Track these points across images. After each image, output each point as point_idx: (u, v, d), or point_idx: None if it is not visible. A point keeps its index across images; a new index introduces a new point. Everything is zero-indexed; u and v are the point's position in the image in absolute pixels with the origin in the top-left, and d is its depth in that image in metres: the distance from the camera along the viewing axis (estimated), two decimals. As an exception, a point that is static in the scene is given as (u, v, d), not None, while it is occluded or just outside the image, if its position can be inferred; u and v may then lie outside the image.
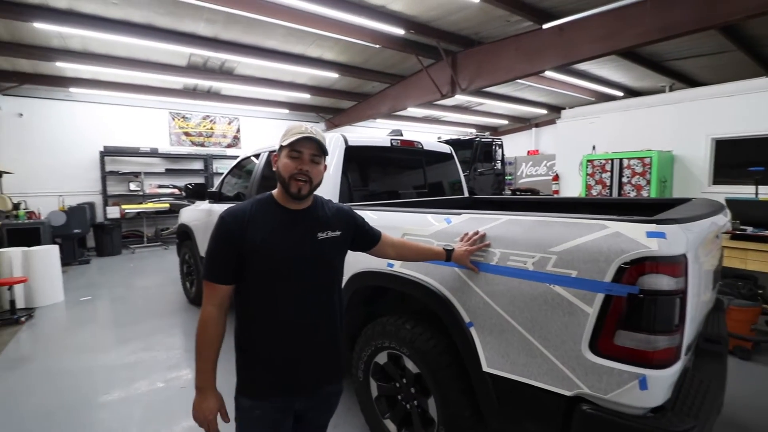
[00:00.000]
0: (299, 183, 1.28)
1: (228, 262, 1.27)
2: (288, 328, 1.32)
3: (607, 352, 1.32)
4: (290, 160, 1.28)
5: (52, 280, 5.30)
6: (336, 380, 1.46)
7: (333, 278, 1.42)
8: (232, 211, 1.31)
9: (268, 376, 1.32)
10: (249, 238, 1.26)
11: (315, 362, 1.37)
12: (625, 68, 8.70)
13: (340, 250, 1.45)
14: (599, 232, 1.35)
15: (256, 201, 1.36)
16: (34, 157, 8.65)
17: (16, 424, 2.63)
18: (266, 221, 1.30)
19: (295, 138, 1.27)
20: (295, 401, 1.37)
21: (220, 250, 1.29)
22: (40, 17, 5.52)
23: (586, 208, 3.19)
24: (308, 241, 1.33)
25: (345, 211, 1.49)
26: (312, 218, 1.37)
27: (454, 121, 14.71)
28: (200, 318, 1.29)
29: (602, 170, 6.83)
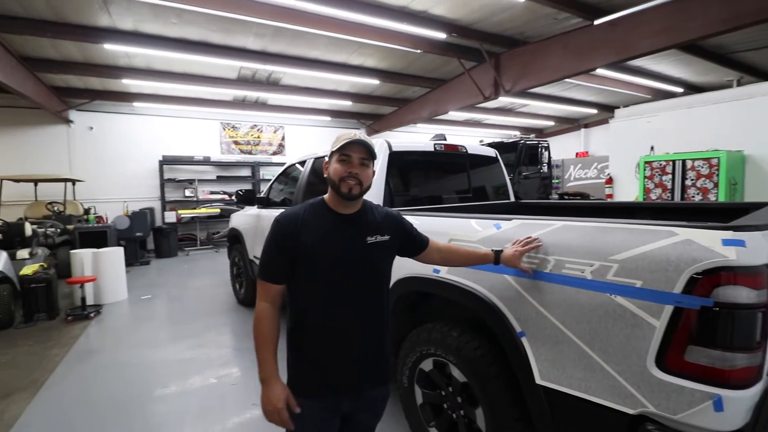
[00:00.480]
0: (349, 184, 1.31)
1: (281, 263, 1.33)
2: (337, 330, 1.35)
3: (676, 369, 1.22)
4: (340, 164, 1.33)
5: (118, 279, 5.73)
6: (383, 384, 1.46)
7: (381, 282, 1.44)
8: (286, 214, 1.37)
9: (316, 376, 1.35)
10: (302, 240, 1.31)
11: (362, 364, 1.38)
12: (686, 62, 8.11)
13: (389, 254, 1.47)
14: (667, 239, 1.26)
15: (308, 205, 1.40)
16: (102, 167, 9.45)
17: (86, 411, 2.85)
18: (318, 225, 1.34)
19: (345, 142, 1.32)
20: (342, 402, 1.38)
21: (274, 252, 1.34)
22: (110, 39, 6.05)
23: (644, 213, 3.00)
24: (358, 245, 1.36)
25: (394, 216, 1.51)
26: (362, 222, 1.40)
27: (496, 123, 14.37)
28: (255, 314, 1.35)
29: (662, 172, 6.37)
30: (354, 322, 1.35)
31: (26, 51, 6.58)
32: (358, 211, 1.41)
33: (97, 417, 2.79)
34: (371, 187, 2.74)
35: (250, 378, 3.29)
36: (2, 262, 4.65)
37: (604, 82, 8.93)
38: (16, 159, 8.56)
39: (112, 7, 5.33)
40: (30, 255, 5.47)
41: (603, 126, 13.29)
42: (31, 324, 4.69)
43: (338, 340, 1.34)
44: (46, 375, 3.40)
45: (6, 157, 8.49)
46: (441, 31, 6.08)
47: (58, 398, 3.04)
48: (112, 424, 2.70)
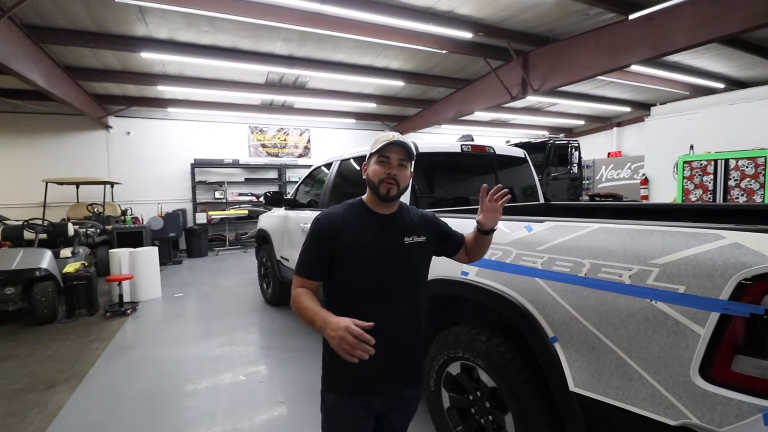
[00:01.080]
0: (388, 185, 1.33)
1: (319, 261, 1.36)
2: (377, 329, 1.30)
3: (722, 380, 1.16)
4: (379, 166, 1.35)
5: (152, 278, 5.96)
6: (417, 384, 1.47)
7: (419, 282, 1.44)
8: (327, 213, 1.40)
9: (353, 375, 1.35)
10: (342, 239, 1.33)
11: (399, 364, 1.39)
12: (728, 56, 7.70)
13: (426, 255, 1.48)
14: (713, 242, 1.19)
15: (348, 205, 1.43)
16: (138, 170, 9.88)
17: (123, 403, 2.98)
18: (358, 224, 1.36)
19: (384, 144, 1.35)
20: (377, 401, 1.39)
21: (313, 250, 1.37)
22: (146, 48, 6.32)
23: (684, 216, 2.86)
24: (396, 245, 1.38)
25: (429, 217, 1.52)
26: (399, 223, 1.41)
27: (523, 123, 14.09)
28: (292, 295, 1.34)
29: (703, 173, 6.06)
30: (391, 322, 1.36)
31: (70, 61, 6.96)
32: (396, 212, 1.42)
33: (134, 409, 2.91)
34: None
35: (277, 376, 3.34)
36: (47, 261, 4.93)
37: (638, 79, 8.59)
38: (59, 163, 9.08)
39: (148, 17, 5.58)
40: (72, 254, 5.77)
41: (637, 124, 12.79)
42: (73, 319, 4.94)
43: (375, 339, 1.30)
44: (86, 368, 3.58)
45: (50, 161, 9.02)
46: (467, 30, 6.02)
47: (97, 390, 3.19)
48: (148, 416, 2.81)
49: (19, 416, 2.81)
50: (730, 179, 5.80)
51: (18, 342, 4.25)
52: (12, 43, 5.11)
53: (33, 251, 5.08)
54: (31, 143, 8.97)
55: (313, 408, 2.78)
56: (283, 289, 5.06)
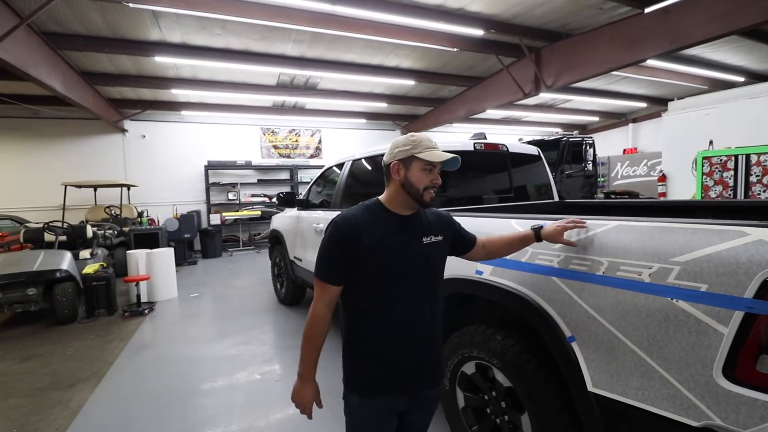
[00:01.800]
0: (431, 193, 1.35)
1: (340, 264, 1.35)
2: (396, 330, 1.36)
3: (746, 380, 1.13)
4: (424, 173, 1.35)
5: (169, 278, 6.06)
6: (436, 384, 1.48)
7: (436, 282, 1.45)
8: (345, 216, 1.38)
9: (375, 376, 1.37)
10: (362, 241, 1.32)
11: (419, 365, 1.40)
12: (747, 49, 7.49)
13: (443, 254, 1.49)
14: (737, 239, 1.16)
15: (365, 206, 1.41)
16: (154, 172, 10.07)
17: (142, 401, 3.04)
18: (378, 226, 1.36)
19: (434, 152, 1.35)
20: (400, 401, 1.40)
21: (334, 253, 1.36)
22: (160, 52, 6.43)
23: (704, 213, 2.79)
24: (416, 245, 1.38)
25: (444, 216, 1.53)
26: (417, 223, 1.42)
27: (536, 120, 13.93)
28: (310, 314, 1.38)
29: (723, 168, 5.90)
30: (412, 322, 1.37)
31: (86, 66, 7.13)
32: (415, 213, 1.43)
33: (153, 406, 2.96)
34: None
35: (292, 375, 3.35)
36: (67, 262, 5.05)
37: (654, 74, 8.41)
38: (77, 166, 9.31)
39: (162, 21, 5.67)
40: (91, 255, 5.91)
41: (654, 120, 12.54)
42: (93, 319, 5.06)
43: (397, 340, 1.36)
44: (106, 367, 3.66)
45: (68, 164, 9.26)
46: (478, 28, 5.97)
47: (117, 388, 3.26)
48: (167, 413, 2.86)
49: (41, 414, 2.89)
50: (752, 175, 5.64)
51: (40, 341, 4.37)
52: (31, 50, 5.25)
53: (53, 253, 5.21)
54: (49, 148, 9.22)
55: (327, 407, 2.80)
56: (296, 289, 5.10)
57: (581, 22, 6.20)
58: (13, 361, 3.85)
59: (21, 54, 4.95)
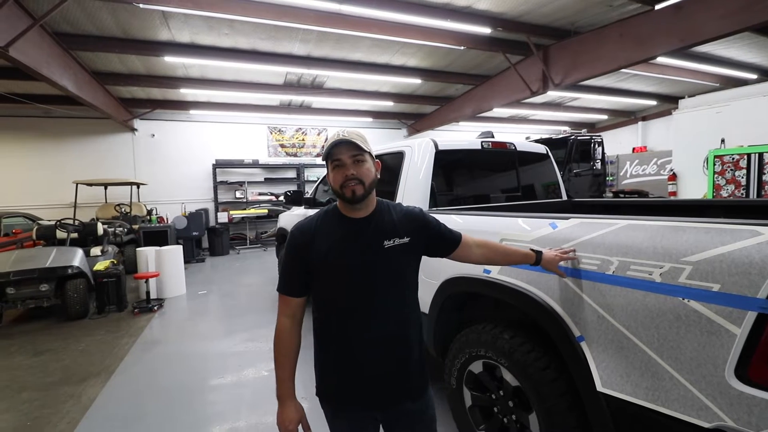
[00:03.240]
0: (351, 187, 1.24)
1: (298, 275, 1.30)
2: (359, 341, 1.29)
3: (760, 381, 1.11)
4: (335, 171, 1.27)
5: (177, 275, 6.12)
6: (417, 397, 1.36)
7: (404, 288, 1.34)
8: (299, 224, 1.34)
9: (343, 388, 1.31)
10: (315, 250, 1.26)
11: (390, 376, 1.31)
12: (761, 45, 7.35)
13: (411, 258, 1.37)
14: (750, 239, 1.14)
15: (323, 213, 1.36)
16: (162, 171, 10.17)
17: (152, 396, 3.08)
18: (331, 232, 1.29)
19: (329, 149, 1.26)
20: (375, 414, 1.36)
21: (290, 264, 1.31)
22: (169, 52, 6.48)
23: (715, 212, 2.75)
24: (374, 250, 1.28)
25: (414, 215, 1.39)
26: (377, 226, 1.31)
27: (544, 119, 13.82)
28: (276, 330, 1.32)
29: (735, 167, 5.83)
30: (373, 332, 1.28)
31: (97, 66, 7.21)
32: (372, 214, 1.33)
33: (162, 401, 3.01)
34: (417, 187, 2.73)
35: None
36: (79, 259, 5.13)
37: (665, 71, 8.29)
38: (88, 165, 9.43)
39: (171, 22, 5.72)
40: (102, 252, 5.99)
41: (664, 118, 12.38)
42: (103, 315, 5.13)
43: (358, 352, 1.29)
44: (116, 362, 3.71)
45: (79, 163, 9.39)
46: (486, 26, 5.94)
47: (127, 383, 3.31)
48: (176, 408, 2.90)
49: (54, 408, 2.94)
50: (765, 173, 5.56)
51: (52, 337, 4.45)
52: (43, 50, 5.32)
53: (65, 250, 5.29)
54: (61, 146, 9.35)
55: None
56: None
57: (590, 19, 6.13)
58: (26, 356, 3.92)
59: (34, 54, 5.02)
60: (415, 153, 2.83)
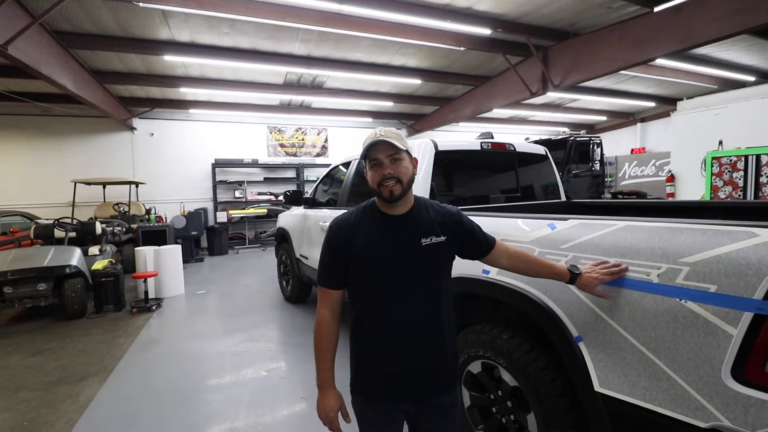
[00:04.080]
0: (389, 186, 1.26)
1: (336, 268, 1.34)
2: (392, 335, 1.32)
3: (756, 381, 1.12)
4: (373, 170, 1.30)
5: (176, 275, 6.11)
6: (446, 390, 1.39)
7: (438, 286, 1.36)
8: (339, 219, 1.38)
9: (374, 380, 1.36)
10: (353, 246, 1.30)
11: (421, 371, 1.34)
12: (759, 48, 7.39)
13: (446, 256, 1.39)
14: (747, 240, 1.15)
15: (361, 209, 1.39)
16: (161, 170, 10.16)
17: (150, 396, 3.07)
18: (369, 228, 1.32)
19: (367, 147, 1.29)
20: (404, 407, 1.37)
21: (329, 258, 1.36)
22: (169, 51, 6.48)
23: (713, 213, 2.76)
24: (411, 248, 1.31)
25: (452, 215, 1.40)
26: (414, 223, 1.33)
27: (543, 120, 13.85)
28: (315, 321, 1.37)
29: (733, 169, 5.84)
30: (408, 328, 1.31)
31: (96, 64, 7.20)
32: (410, 211, 1.35)
33: (160, 402, 3.00)
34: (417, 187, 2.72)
35: (297, 372, 3.40)
36: (77, 258, 5.12)
37: (663, 73, 8.33)
38: (86, 164, 9.41)
39: (171, 20, 5.72)
40: (100, 252, 5.98)
41: (662, 120, 12.42)
42: (101, 315, 5.12)
43: (394, 346, 1.32)
44: (114, 362, 3.71)
45: (78, 162, 9.37)
46: (486, 27, 5.95)
47: (125, 383, 3.30)
48: (174, 408, 2.90)
49: (52, 407, 2.94)
50: (762, 175, 5.58)
51: (50, 336, 4.44)
52: (42, 48, 5.32)
53: (63, 249, 5.28)
54: (59, 145, 9.33)
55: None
56: (302, 287, 5.12)
57: (589, 21, 6.16)
58: (23, 355, 3.91)
59: (33, 53, 5.01)
60: (415, 153, 2.83)
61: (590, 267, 1.43)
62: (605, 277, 1.38)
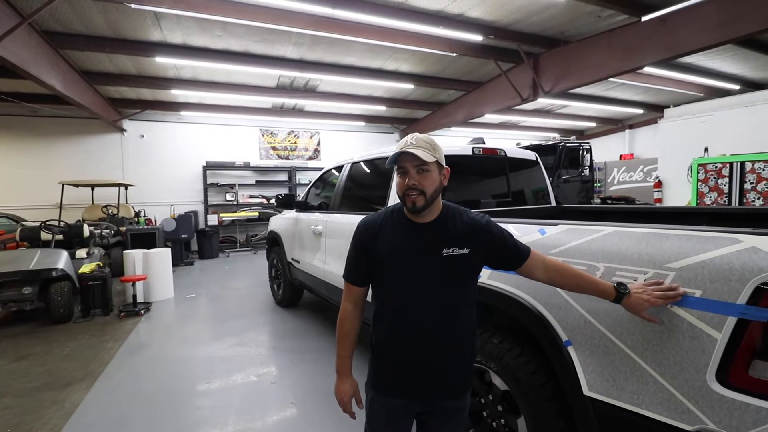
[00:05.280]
0: (412, 197, 1.28)
1: (361, 266, 1.41)
2: (407, 336, 1.35)
3: (739, 385, 1.15)
4: (400, 179, 1.33)
5: (165, 278, 6.04)
6: (457, 396, 1.41)
7: (458, 295, 1.35)
8: (366, 219, 1.43)
9: (388, 376, 1.40)
10: (377, 247, 1.36)
11: (433, 374, 1.35)
12: (743, 58, 7.57)
13: (469, 267, 1.35)
14: (730, 246, 1.18)
15: (389, 211, 1.43)
16: (151, 172, 10.05)
17: (137, 402, 3.02)
18: (394, 232, 1.36)
19: (394, 156, 1.30)
20: (414, 405, 1.40)
21: (355, 256, 1.42)
22: (160, 52, 6.44)
23: (699, 219, 2.82)
24: (431, 257, 1.31)
25: (480, 226, 1.35)
26: (438, 233, 1.33)
27: (534, 125, 13.99)
28: (339, 313, 1.46)
29: (718, 175, 5.97)
30: (422, 332, 1.33)
31: (86, 65, 7.12)
32: (436, 220, 1.34)
33: (148, 407, 2.95)
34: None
35: (287, 377, 3.37)
36: (64, 261, 5.03)
37: (651, 81, 8.50)
38: (75, 165, 9.28)
39: (163, 22, 5.68)
40: (87, 254, 5.88)
41: (650, 126, 12.64)
42: (88, 319, 5.03)
43: (409, 346, 1.35)
44: (101, 367, 3.64)
45: (66, 163, 9.23)
46: (477, 33, 6.02)
47: (112, 389, 3.24)
48: (162, 414, 2.85)
49: (36, 413, 2.87)
50: (746, 182, 5.71)
51: (35, 341, 4.35)
52: (31, 48, 5.25)
53: (50, 252, 5.19)
54: (48, 146, 9.18)
55: (323, 410, 2.80)
56: (293, 291, 5.10)
57: (579, 29, 6.26)
58: (7, 360, 3.82)
59: (21, 52, 4.94)
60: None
61: (641, 286, 1.29)
62: (658, 300, 1.23)
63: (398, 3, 5.32)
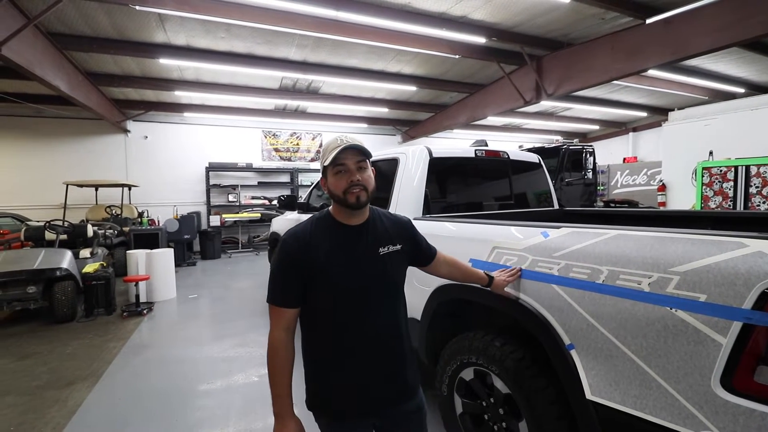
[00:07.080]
0: (355, 192, 1.23)
1: (292, 285, 1.24)
2: (355, 351, 1.28)
3: (744, 390, 1.13)
4: (338, 177, 1.25)
5: (168, 279, 6.05)
6: (410, 397, 1.38)
7: (397, 295, 1.37)
8: (293, 232, 1.29)
9: (340, 398, 1.30)
10: (312, 258, 1.23)
11: (386, 383, 1.32)
12: (749, 61, 7.54)
13: (402, 265, 1.39)
14: (736, 250, 1.17)
15: (315, 219, 1.32)
16: (155, 173, 10.09)
17: (140, 401, 3.03)
18: (327, 240, 1.26)
19: (335, 153, 1.22)
20: (373, 420, 1.36)
21: (284, 274, 1.25)
22: (165, 54, 6.47)
23: (703, 223, 2.80)
24: (371, 258, 1.29)
25: (404, 224, 1.43)
26: (372, 233, 1.32)
27: (537, 128, 13.98)
28: (269, 343, 1.25)
29: (723, 179, 5.93)
30: (373, 341, 1.29)
31: (91, 67, 7.17)
32: (367, 221, 1.33)
33: (151, 407, 2.96)
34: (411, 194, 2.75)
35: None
36: (68, 261, 5.05)
37: (655, 84, 8.47)
38: (79, 166, 9.34)
39: (167, 24, 5.71)
40: (91, 254, 5.91)
41: (654, 129, 12.60)
42: (91, 318, 5.05)
43: (358, 362, 1.28)
44: (104, 366, 3.66)
45: (70, 164, 9.29)
46: (481, 35, 6.02)
47: (115, 388, 3.25)
48: (164, 414, 2.86)
49: (39, 412, 2.88)
50: (752, 186, 5.67)
51: (38, 340, 4.37)
52: (37, 50, 5.29)
53: (54, 251, 5.22)
54: (52, 147, 9.25)
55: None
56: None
57: (583, 31, 6.25)
58: (11, 359, 3.84)
59: (27, 54, 4.98)
60: (410, 160, 2.85)
61: (499, 273, 1.72)
62: (510, 279, 1.68)
63: (402, 5, 5.33)
